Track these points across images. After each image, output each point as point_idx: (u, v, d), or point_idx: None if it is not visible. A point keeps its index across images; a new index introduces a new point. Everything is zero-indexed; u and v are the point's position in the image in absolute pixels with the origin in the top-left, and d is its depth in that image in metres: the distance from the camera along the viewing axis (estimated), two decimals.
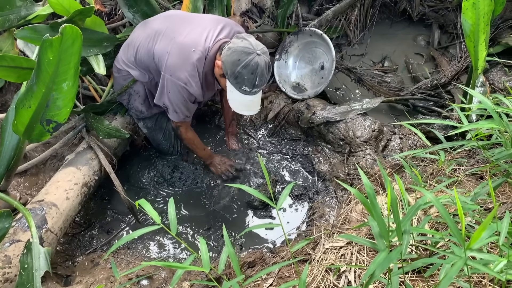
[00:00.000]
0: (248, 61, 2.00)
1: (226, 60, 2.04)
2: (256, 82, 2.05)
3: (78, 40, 1.50)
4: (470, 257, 1.12)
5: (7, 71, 1.80)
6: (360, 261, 1.70)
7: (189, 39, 2.15)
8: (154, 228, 1.36)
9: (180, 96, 2.20)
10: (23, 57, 1.80)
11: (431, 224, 1.79)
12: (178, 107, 2.27)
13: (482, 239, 1.11)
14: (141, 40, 2.28)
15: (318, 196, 2.60)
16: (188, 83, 2.15)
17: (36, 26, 2.09)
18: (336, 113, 2.76)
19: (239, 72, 2.02)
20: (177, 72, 2.14)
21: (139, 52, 2.29)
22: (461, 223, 1.06)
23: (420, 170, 2.18)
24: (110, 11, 2.96)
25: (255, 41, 2.07)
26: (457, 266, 1.03)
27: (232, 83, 2.08)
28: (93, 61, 2.31)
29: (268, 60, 2.07)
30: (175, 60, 2.14)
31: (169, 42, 2.17)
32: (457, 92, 2.94)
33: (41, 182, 2.48)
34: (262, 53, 2.04)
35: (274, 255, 2.17)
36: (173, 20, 2.30)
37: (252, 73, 2.01)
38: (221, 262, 1.41)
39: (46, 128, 1.75)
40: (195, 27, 2.21)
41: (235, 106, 2.17)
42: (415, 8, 3.87)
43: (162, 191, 2.66)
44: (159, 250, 2.36)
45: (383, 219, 1.16)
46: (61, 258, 2.21)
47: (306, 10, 3.71)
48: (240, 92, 2.09)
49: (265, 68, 2.05)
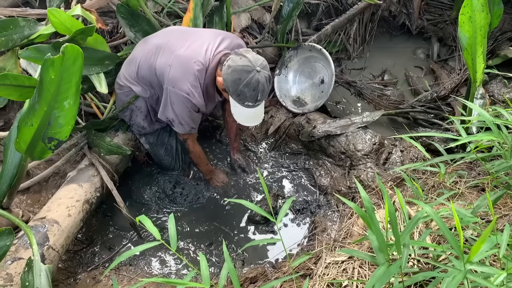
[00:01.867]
0: (249, 79, 2.02)
1: (227, 78, 2.07)
2: (259, 97, 2.08)
3: (79, 59, 1.52)
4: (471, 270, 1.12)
5: (9, 89, 1.82)
6: (362, 275, 1.69)
7: (189, 51, 2.18)
8: (155, 244, 1.36)
9: (184, 106, 2.21)
10: (25, 76, 1.82)
11: (433, 237, 1.78)
12: (183, 119, 2.28)
13: (482, 252, 1.11)
14: (143, 56, 2.31)
15: (320, 210, 2.59)
16: (190, 93, 2.17)
17: (39, 46, 2.13)
18: (337, 126, 2.77)
19: (241, 91, 2.05)
20: (179, 84, 2.16)
21: (140, 67, 2.31)
22: (459, 236, 1.06)
23: (421, 183, 2.18)
24: (111, 29, 2.99)
25: (253, 57, 2.09)
26: (456, 279, 1.03)
27: (235, 100, 2.11)
28: (95, 79, 2.33)
29: (268, 74, 2.10)
30: (177, 72, 2.16)
31: (170, 55, 2.20)
32: (457, 105, 2.94)
33: (44, 199, 2.49)
34: (262, 68, 2.06)
35: (276, 271, 2.16)
36: (174, 34, 2.34)
37: (254, 90, 2.05)
38: (221, 278, 1.40)
39: (48, 145, 1.76)
40: (196, 39, 2.24)
41: (240, 119, 2.23)
42: (413, 22, 3.91)
43: (163, 207, 2.66)
44: (161, 266, 2.36)
45: (381, 233, 1.16)
46: (63, 275, 2.21)
47: (306, 25, 3.75)
48: (243, 106, 2.12)
49: (265, 83, 2.08)
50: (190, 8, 2.65)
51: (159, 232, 1.39)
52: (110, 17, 3.02)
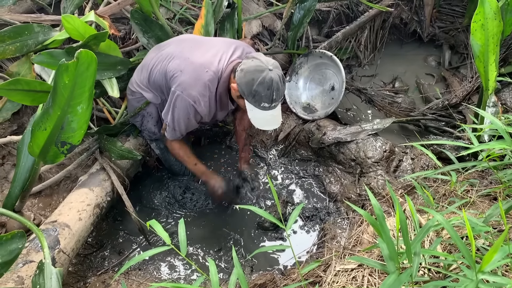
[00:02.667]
0: (262, 78, 2.03)
1: (241, 82, 2.08)
2: (274, 96, 2.08)
3: (93, 64, 1.54)
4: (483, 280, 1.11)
5: (22, 94, 1.84)
6: (372, 283, 1.68)
7: (203, 60, 2.20)
8: (165, 248, 1.37)
9: (186, 112, 2.23)
10: (37, 81, 1.84)
11: (444, 246, 1.77)
12: (178, 125, 2.29)
13: (494, 261, 1.10)
14: (155, 62, 2.33)
15: (330, 217, 2.58)
16: (197, 101, 2.19)
17: (52, 51, 2.16)
18: (347, 133, 2.77)
19: (255, 91, 2.05)
20: (188, 90, 2.18)
21: (153, 73, 2.34)
22: (471, 245, 1.05)
23: (432, 191, 2.16)
24: (124, 35, 3.03)
25: (265, 58, 2.12)
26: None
27: (250, 102, 2.11)
28: (107, 84, 2.36)
29: (281, 73, 2.10)
30: (188, 78, 2.18)
31: (182, 61, 2.22)
32: (469, 113, 2.92)
33: (55, 203, 2.51)
34: (274, 67, 2.08)
35: (285, 277, 2.15)
36: (187, 43, 2.36)
37: (268, 88, 2.05)
38: (230, 284, 1.41)
39: (61, 149, 1.78)
40: (209, 48, 2.27)
41: (258, 123, 2.19)
42: (425, 29, 3.90)
43: (173, 212, 2.67)
44: (170, 271, 2.36)
45: (392, 241, 1.16)
46: (73, 279, 2.22)
47: (316, 32, 3.76)
48: (260, 109, 2.12)
49: (279, 82, 2.08)
50: (201, 15, 2.68)
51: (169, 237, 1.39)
52: (123, 23, 3.06)
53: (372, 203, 1.22)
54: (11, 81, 1.77)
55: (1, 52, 2.33)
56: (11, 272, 1.71)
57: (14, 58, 2.54)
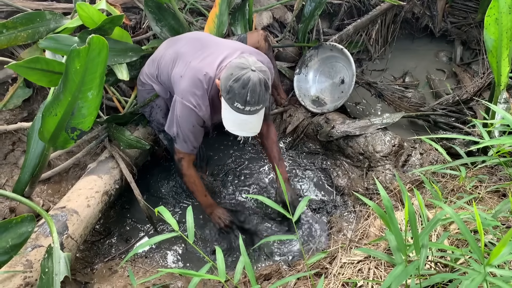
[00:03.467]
0: (240, 75, 1.92)
1: (222, 77, 1.99)
2: (248, 98, 1.92)
3: (104, 50, 1.55)
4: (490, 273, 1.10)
5: (40, 74, 1.81)
6: (378, 276, 1.67)
7: (203, 64, 2.15)
8: (172, 235, 1.37)
9: (189, 120, 2.16)
10: (56, 61, 1.82)
11: (452, 241, 1.76)
12: (187, 136, 2.21)
13: (502, 255, 1.09)
14: (165, 62, 2.30)
15: (336, 211, 2.58)
16: (197, 106, 2.13)
17: (58, 36, 2.15)
18: (356, 127, 2.75)
19: (230, 86, 1.93)
20: (187, 95, 2.12)
21: (161, 73, 2.32)
22: (480, 238, 1.04)
23: (440, 186, 2.15)
24: (135, 25, 3.03)
25: (253, 60, 2.01)
26: (476, 281, 1.01)
27: (225, 99, 1.99)
28: (117, 69, 2.36)
29: (263, 78, 1.95)
30: (187, 83, 2.13)
31: (184, 66, 2.18)
32: (479, 109, 2.90)
33: (64, 189, 2.53)
34: (259, 70, 1.94)
35: (291, 269, 2.16)
36: (196, 44, 2.30)
37: (243, 87, 1.91)
38: (237, 272, 1.41)
39: (71, 135, 1.79)
40: (214, 51, 2.21)
41: (227, 124, 2.05)
42: (437, 24, 3.86)
43: (180, 202, 2.68)
44: (176, 260, 2.38)
45: (400, 233, 1.15)
46: (80, 265, 2.25)
47: (327, 25, 3.74)
48: (233, 109, 1.98)
49: (258, 85, 1.92)
50: (216, 3, 2.66)
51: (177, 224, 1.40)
52: (134, 13, 3.06)
53: (381, 194, 1.21)
54: (31, 59, 1.75)
55: (13, 38, 2.34)
56: (20, 256, 1.74)
57: (26, 45, 2.56)
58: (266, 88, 1.98)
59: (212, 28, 2.69)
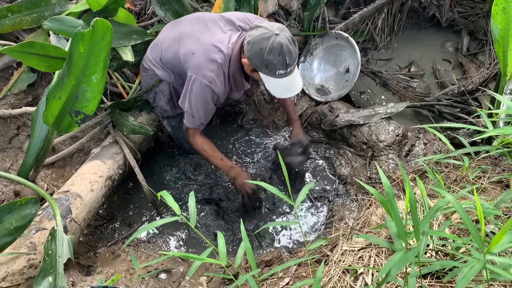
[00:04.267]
0: (270, 45, 1.96)
1: (251, 55, 2.02)
2: (287, 61, 1.99)
3: (109, 34, 1.55)
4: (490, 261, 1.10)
5: (37, 59, 1.81)
6: (378, 263, 1.68)
7: (213, 39, 2.17)
8: (174, 219, 1.38)
9: (203, 96, 2.19)
10: (51, 45, 1.81)
11: (453, 230, 1.76)
12: (196, 112, 2.24)
13: (502, 243, 1.09)
14: (168, 42, 2.31)
15: (338, 199, 2.58)
16: (213, 82, 2.15)
17: (63, 17, 2.15)
18: (360, 116, 2.75)
19: (267, 59, 1.98)
20: (203, 71, 2.14)
21: (165, 53, 2.32)
22: (481, 225, 1.04)
23: (443, 176, 2.15)
24: (139, 11, 3.02)
25: (269, 24, 2.04)
26: (475, 268, 1.02)
27: (265, 73, 2.05)
28: (121, 51, 2.34)
29: (289, 35, 2.01)
30: (200, 59, 2.15)
31: (194, 44, 2.19)
32: (485, 99, 2.88)
33: (68, 174, 2.55)
34: (280, 31, 1.99)
35: (292, 255, 2.17)
36: (199, 23, 2.32)
37: (279, 54, 1.97)
38: (238, 257, 1.42)
39: (75, 119, 1.80)
40: (221, 27, 2.24)
41: (277, 92, 2.15)
42: (444, 14, 3.81)
43: (183, 189, 2.69)
44: (179, 245, 2.39)
45: (401, 219, 1.16)
46: (83, 248, 2.27)
47: (333, 13, 3.71)
48: (277, 77, 2.05)
49: (289, 45, 1.99)
50: None
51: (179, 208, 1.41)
52: None
53: (383, 181, 1.21)
54: (25, 43, 1.74)
55: (18, 22, 2.34)
56: (24, 238, 1.76)
57: (31, 30, 2.56)
58: (294, 43, 2.04)
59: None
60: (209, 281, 2.02)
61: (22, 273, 1.68)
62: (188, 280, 2.01)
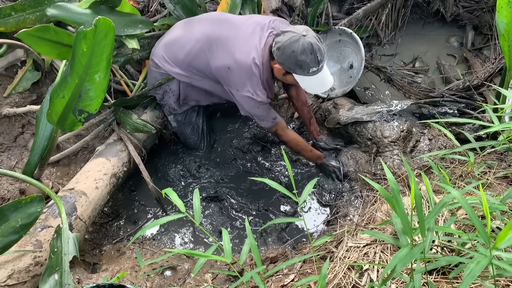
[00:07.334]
0: (301, 46, 2.04)
1: (283, 60, 2.10)
2: (318, 58, 2.09)
3: (111, 32, 1.55)
4: (496, 257, 1.10)
5: (49, 46, 1.82)
6: (383, 260, 1.68)
7: (246, 49, 2.20)
8: (179, 216, 1.38)
9: (252, 105, 2.28)
10: (65, 31, 1.81)
11: (459, 226, 1.76)
12: (260, 115, 2.35)
13: (509, 239, 1.09)
14: (194, 45, 2.31)
15: (343, 196, 2.58)
16: (255, 94, 2.23)
17: (66, 4, 2.14)
18: (364, 113, 2.74)
19: (301, 60, 2.07)
20: (243, 87, 2.23)
21: (194, 58, 2.33)
22: (487, 220, 1.04)
23: (448, 172, 2.14)
24: (142, 8, 3.02)
25: (293, 27, 2.13)
26: (481, 264, 1.01)
27: (299, 74, 2.13)
28: (126, 40, 2.32)
29: (314, 33, 2.12)
30: (238, 76, 2.21)
31: (227, 57, 2.22)
32: (490, 94, 2.86)
33: (72, 172, 2.56)
34: (307, 31, 2.08)
35: (297, 252, 2.17)
36: (223, 26, 2.32)
37: (311, 53, 2.06)
38: (243, 253, 1.42)
39: (78, 118, 1.80)
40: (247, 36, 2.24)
41: (313, 89, 2.31)
42: (448, 9, 3.78)
43: (188, 186, 2.70)
44: (184, 242, 2.40)
45: (406, 215, 1.15)
46: (89, 246, 2.28)
47: (337, 9, 3.69)
48: (311, 75, 2.14)
49: (318, 42, 2.09)
50: None
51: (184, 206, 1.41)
52: None
53: (388, 176, 1.21)
54: (41, 27, 1.75)
55: (22, 21, 2.33)
56: (30, 236, 1.77)
57: None
58: (320, 40, 2.13)
59: (225, 10, 2.69)
60: (214, 278, 2.02)
61: (28, 270, 1.69)
62: (193, 277, 2.02)
